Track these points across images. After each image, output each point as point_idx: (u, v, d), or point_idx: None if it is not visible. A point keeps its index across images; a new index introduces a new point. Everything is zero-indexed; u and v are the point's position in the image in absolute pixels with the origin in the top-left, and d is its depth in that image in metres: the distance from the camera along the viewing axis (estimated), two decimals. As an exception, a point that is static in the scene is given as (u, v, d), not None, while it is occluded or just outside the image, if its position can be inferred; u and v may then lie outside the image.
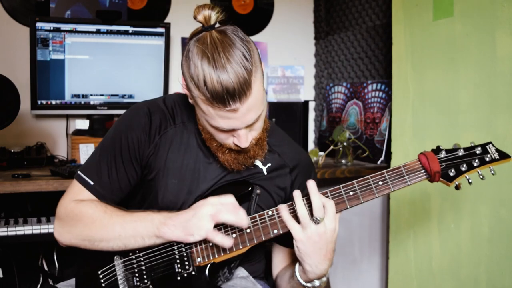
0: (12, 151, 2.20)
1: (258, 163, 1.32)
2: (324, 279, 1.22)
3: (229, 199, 1.15)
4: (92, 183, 1.27)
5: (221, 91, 1.07)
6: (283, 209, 1.17)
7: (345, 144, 2.42)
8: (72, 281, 1.41)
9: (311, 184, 1.14)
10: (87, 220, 1.22)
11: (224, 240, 1.13)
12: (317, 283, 1.21)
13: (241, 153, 1.23)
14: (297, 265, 1.25)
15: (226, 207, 1.13)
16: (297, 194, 1.15)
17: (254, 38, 2.90)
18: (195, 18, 1.14)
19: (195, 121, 1.29)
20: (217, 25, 1.15)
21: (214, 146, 1.24)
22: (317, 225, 1.13)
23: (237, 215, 1.12)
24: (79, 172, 1.30)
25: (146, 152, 1.28)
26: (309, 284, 1.23)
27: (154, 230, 1.17)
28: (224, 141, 1.21)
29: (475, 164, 1.17)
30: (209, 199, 1.15)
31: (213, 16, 1.12)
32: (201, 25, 1.15)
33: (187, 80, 1.14)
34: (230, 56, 1.07)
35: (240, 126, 1.14)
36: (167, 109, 1.32)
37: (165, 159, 1.28)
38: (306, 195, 1.16)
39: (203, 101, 1.11)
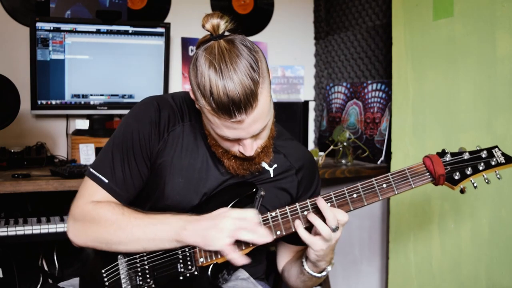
0: (12, 151, 2.20)
1: (263, 164, 1.32)
2: (333, 261, 1.26)
3: (250, 215, 1.15)
4: (106, 181, 1.25)
5: (227, 102, 1.06)
6: (300, 228, 1.16)
7: (345, 144, 2.42)
8: (73, 281, 1.41)
9: (320, 202, 1.16)
10: (105, 223, 1.21)
11: (238, 259, 1.13)
12: (329, 268, 1.26)
13: (246, 160, 1.23)
14: (305, 264, 1.27)
15: (247, 224, 1.14)
16: (313, 217, 1.15)
17: (254, 38, 2.90)
18: (203, 26, 1.13)
19: (201, 123, 1.28)
20: (226, 33, 1.14)
21: (219, 152, 1.24)
22: (336, 233, 1.15)
23: (257, 235, 1.13)
24: (91, 169, 1.27)
25: (155, 148, 1.27)
26: (323, 273, 1.27)
27: (175, 235, 1.17)
28: (230, 148, 1.20)
29: (481, 168, 1.15)
30: (231, 212, 1.15)
31: (222, 25, 1.11)
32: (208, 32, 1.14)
33: (194, 89, 1.13)
34: (237, 67, 1.07)
35: (246, 136, 1.14)
36: (175, 105, 1.31)
37: (171, 157, 1.27)
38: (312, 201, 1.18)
39: (209, 111, 1.11)
